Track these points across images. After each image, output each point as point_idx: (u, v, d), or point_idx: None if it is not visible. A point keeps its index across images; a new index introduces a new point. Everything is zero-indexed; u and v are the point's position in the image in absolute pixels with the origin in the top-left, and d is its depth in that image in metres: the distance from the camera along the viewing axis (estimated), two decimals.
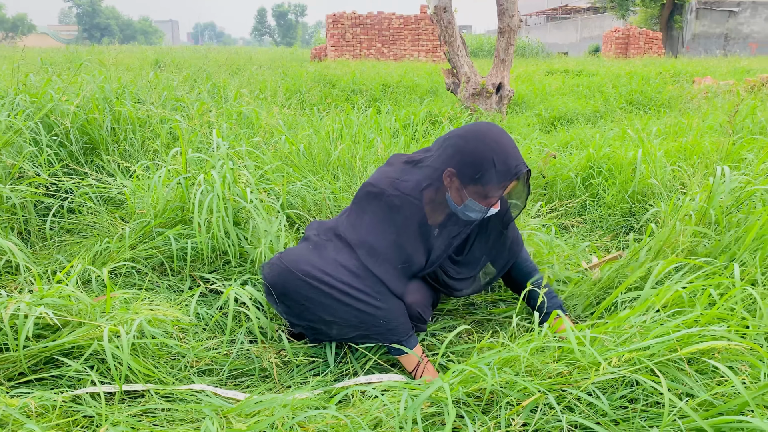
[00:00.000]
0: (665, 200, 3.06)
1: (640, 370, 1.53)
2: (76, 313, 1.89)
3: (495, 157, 1.82)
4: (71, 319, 1.83)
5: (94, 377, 1.72)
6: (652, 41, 26.51)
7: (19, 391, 1.74)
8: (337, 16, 23.20)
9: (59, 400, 1.69)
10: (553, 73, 12.89)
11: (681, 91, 8.66)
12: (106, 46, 20.41)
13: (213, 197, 2.38)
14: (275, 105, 5.07)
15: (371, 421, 1.56)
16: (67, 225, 2.88)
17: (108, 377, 1.91)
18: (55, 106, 3.33)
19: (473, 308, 2.42)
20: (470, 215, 1.94)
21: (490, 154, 1.82)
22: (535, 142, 4.49)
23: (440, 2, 5.97)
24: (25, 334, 1.74)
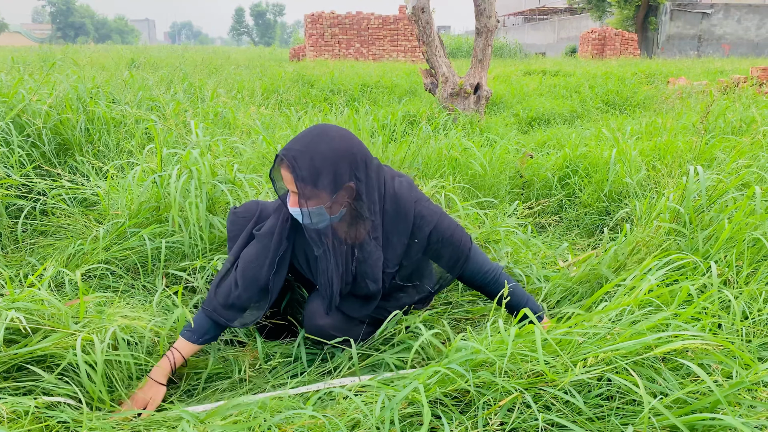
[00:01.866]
0: (640, 199, 3.10)
1: (615, 368, 1.54)
2: (49, 318, 1.86)
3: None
4: (43, 326, 1.80)
5: (67, 391, 1.70)
6: (627, 42, 26.86)
7: None
8: (316, 15, 23.14)
9: (32, 406, 1.66)
10: (530, 73, 13.00)
11: (656, 91, 8.79)
12: (80, 46, 20.10)
13: (191, 181, 2.37)
14: (253, 105, 5.04)
15: (349, 422, 1.56)
16: (39, 227, 2.83)
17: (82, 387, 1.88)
18: (27, 106, 3.27)
19: (451, 306, 2.42)
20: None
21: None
22: (512, 142, 4.52)
23: (418, 3, 5.98)
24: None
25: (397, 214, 1.88)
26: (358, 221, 1.84)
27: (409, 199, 1.91)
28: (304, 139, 1.70)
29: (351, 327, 1.98)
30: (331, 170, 1.69)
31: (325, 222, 1.78)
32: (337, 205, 1.77)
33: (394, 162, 3.53)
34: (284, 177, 1.72)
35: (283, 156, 1.67)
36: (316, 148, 1.68)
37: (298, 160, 1.66)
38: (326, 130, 1.74)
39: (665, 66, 14.99)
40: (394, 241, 1.90)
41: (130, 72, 5.05)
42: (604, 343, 1.62)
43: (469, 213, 2.91)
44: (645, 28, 31.58)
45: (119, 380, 1.83)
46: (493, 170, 3.53)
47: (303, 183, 1.66)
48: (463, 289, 2.55)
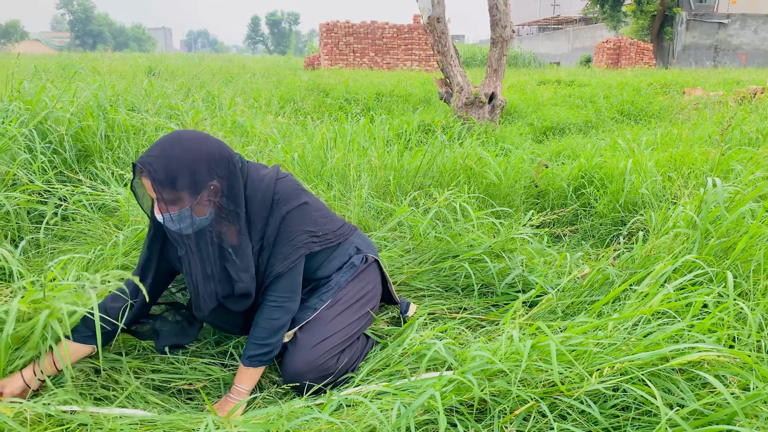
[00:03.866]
0: (655, 210, 3.09)
1: (631, 379, 1.54)
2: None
3: None
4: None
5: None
6: (643, 52, 26.77)
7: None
8: (331, 25, 23.30)
9: (54, 409, 1.69)
10: (545, 83, 12.99)
11: (672, 101, 8.75)
12: (99, 53, 20.39)
13: None
14: (269, 113, 5.09)
15: (365, 428, 1.58)
16: (60, 232, 2.88)
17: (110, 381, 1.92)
18: (49, 113, 3.33)
19: (465, 312, 2.43)
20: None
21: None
22: (527, 152, 4.52)
23: (434, 12, 6.02)
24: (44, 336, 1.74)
25: (256, 192, 1.88)
26: (228, 219, 1.85)
27: (272, 176, 1.92)
28: (159, 147, 1.72)
29: (233, 318, 2.02)
30: (188, 171, 1.70)
31: (192, 225, 1.78)
32: (203, 207, 1.77)
33: (409, 171, 3.56)
34: (146, 185, 1.72)
35: (139, 164, 1.68)
36: (171, 152, 1.70)
37: (154, 165, 1.67)
38: (180, 134, 1.77)
39: (681, 76, 14.92)
40: (255, 219, 1.90)
41: (149, 81, 5.13)
42: (619, 353, 1.63)
43: (484, 222, 2.93)
44: (660, 38, 31.45)
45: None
46: (508, 180, 3.54)
47: (161, 186, 1.67)
48: (478, 295, 2.56)
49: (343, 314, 2.03)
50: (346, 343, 1.99)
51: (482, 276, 2.62)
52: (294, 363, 1.90)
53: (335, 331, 1.98)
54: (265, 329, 1.89)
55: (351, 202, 3.09)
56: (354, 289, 2.10)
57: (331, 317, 2.00)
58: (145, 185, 1.72)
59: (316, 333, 1.95)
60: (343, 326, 2.00)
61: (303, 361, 1.89)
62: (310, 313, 2.00)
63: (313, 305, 2.03)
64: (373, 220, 3.09)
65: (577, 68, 24.08)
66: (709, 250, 2.11)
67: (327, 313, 2.01)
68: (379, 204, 3.20)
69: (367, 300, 2.13)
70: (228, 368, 2.09)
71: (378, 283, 2.22)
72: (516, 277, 2.55)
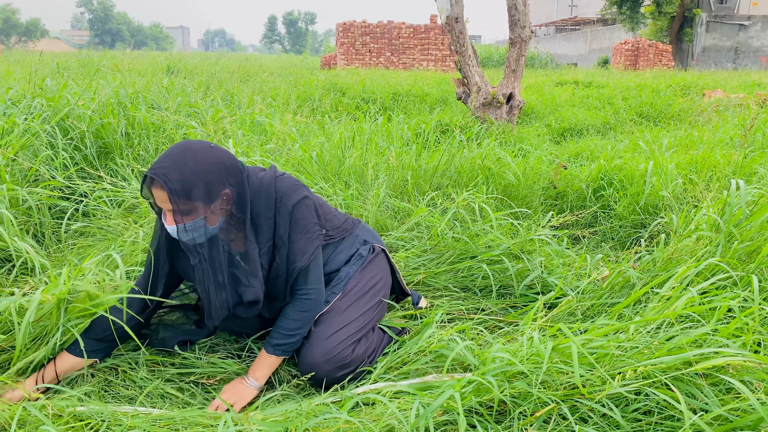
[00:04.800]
0: (676, 213, 3.06)
1: (654, 383, 1.53)
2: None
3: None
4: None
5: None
6: (661, 54, 26.51)
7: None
8: (348, 24, 23.33)
9: (74, 404, 1.71)
10: (562, 84, 12.91)
11: (691, 104, 8.66)
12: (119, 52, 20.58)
13: None
14: (288, 112, 5.10)
15: (383, 428, 1.57)
16: (80, 228, 2.91)
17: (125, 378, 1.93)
18: (71, 110, 3.37)
19: (482, 313, 2.42)
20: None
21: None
22: (546, 153, 4.49)
23: (452, 12, 6.00)
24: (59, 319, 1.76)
25: (258, 195, 1.89)
26: (236, 227, 1.86)
27: (271, 176, 1.94)
28: (170, 158, 1.71)
29: (243, 322, 2.04)
30: (203, 181, 1.71)
31: (204, 234, 1.79)
32: (215, 216, 1.79)
33: (427, 170, 3.55)
34: (157, 196, 1.72)
35: (153, 175, 1.67)
36: (184, 163, 1.70)
37: (170, 176, 1.67)
38: (189, 144, 1.78)
39: (701, 78, 14.76)
40: (261, 222, 1.90)
41: (170, 79, 5.16)
42: (642, 357, 1.61)
43: (502, 223, 2.91)
44: (680, 40, 31.13)
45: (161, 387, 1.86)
46: (526, 180, 3.51)
47: (177, 197, 1.68)
48: (496, 296, 2.55)
49: (355, 304, 2.04)
50: (360, 333, 2.00)
51: (500, 277, 2.60)
52: (310, 355, 1.91)
53: (349, 321, 1.99)
54: (295, 320, 1.91)
55: (369, 202, 3.08)
56: (364, 280, 2.12)
57: (344, 308, 2.02)
58: (157, 196, 1.72)
59: (330, 324, 1.97)
60: (356, 316, 2.02)
61: (319, 353, 1.90)
62: (323, 306, 2.01)
63: (325, 298, 2.04)
64: (391, 220, 3.09)
65: (595, 69, 23.91)
66: (733, 253, 2.09)
67: (339, 304, 2.03)
68: (397, 204, 3.19)
69: (378, 290, 2.15)
70: (245, 362, 2.09)
71: (387, 272, 2.24)
72: (535, 278, 2.53)
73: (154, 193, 1.72)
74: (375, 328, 2.13)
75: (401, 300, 2.44)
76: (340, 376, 1.91)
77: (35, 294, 1.78)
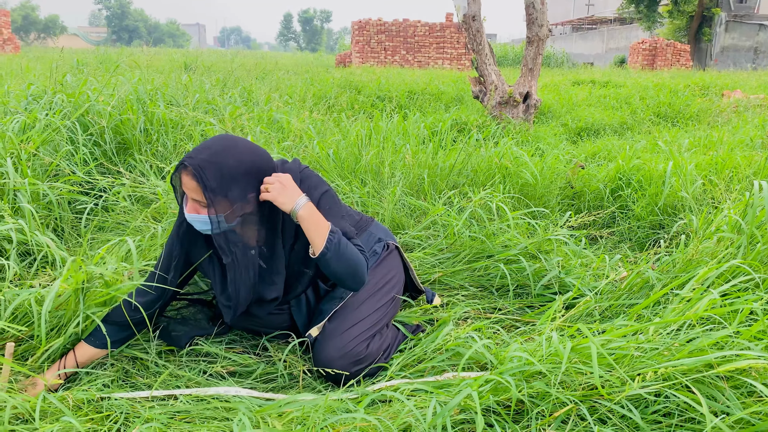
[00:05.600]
0: (696, 214, 3.03)
1: (674, 384, 1.51)
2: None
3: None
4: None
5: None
6: (679, 53, 26.23)
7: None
8: (363, 22, 23.33)
9: (95, 397, 1.73)
10: (579, 83, 12.82)
11: (710, 104, 8.56)
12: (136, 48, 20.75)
13: None
14: (304, 110, 5.12)
15: (400, 425, 1.57)
16: (99, 223, 2.93)
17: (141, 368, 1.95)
18: (91, 106, 3.40)
19: (499, 312, 2.41)
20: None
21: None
22: (563, 152, 4.47)
23: (469, 10, 5.99)
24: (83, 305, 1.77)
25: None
26: (260, 223, 1.86)
27: (296, 170, 1.93)
28: (211, 150, 1.71)
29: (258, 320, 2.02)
30: (237, 183, 1.72)
31: (218, 228, 1.77)
32: (234, 215, 1.77)
33: (443, 169, 3.54)
34: (187, 184, 1.71)
35: (191, 165, 1.67)
36: (225, 161, 1.70)
37: (207, 172, 1.67)
38: (235, 142, 1.77)
39: (720, 78, 14.59)
40: (287, 217, 1.89)
41: (188, 76, 5.20)
42: (661, 358, 1.59)
43: (519, 223, 2.90)
44: (698, 40, 30.80)
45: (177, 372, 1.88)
46: (543, 180, 3.49)
47: (213, 194, 1.68)
48: (514, 295, 2.54)
49: (369, 300, 2.04)
50: (374, 329, 2.00)
51: (517, 277, 2.59)
52: (325, 350, 1.91)
53: (363, 316, 1.99)
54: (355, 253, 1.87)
55: (385, 200, 3.08)
56: (378, 276, 2.12)
57: (358, 304, 2.02)
58: (186, 183, 1.72)
59: (344, 320, 1.97)
60: (370, 312, 2.01)
61: (334, 348, 1.90)
62: (337, 302, 2.02)
63: (339, 295, 2.04)
64: (407, 218, 3.09)
65: (611, 69, 23.71)
66: (756, 255, 2.06)
67: (353, 300, 2.03)
68: (413, 202, 3.19)
69: (392, 286, 2.14)
70: (262, 357, 2.10)
71: (400, 269, 2.24)
72: (552, 278, 2.52)
73: (184, 180, 1.72)
74: (389, 324, 2.13)
75: (415, 297, 2.44)
76: (354, 372, 1.92)
77: (54, 284, 1.80)
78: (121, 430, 1.66)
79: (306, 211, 1.79)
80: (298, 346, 2.08)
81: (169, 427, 1.64)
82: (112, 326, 1.90)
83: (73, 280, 1.82)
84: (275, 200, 1.76)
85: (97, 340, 1.89)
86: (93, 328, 1.91)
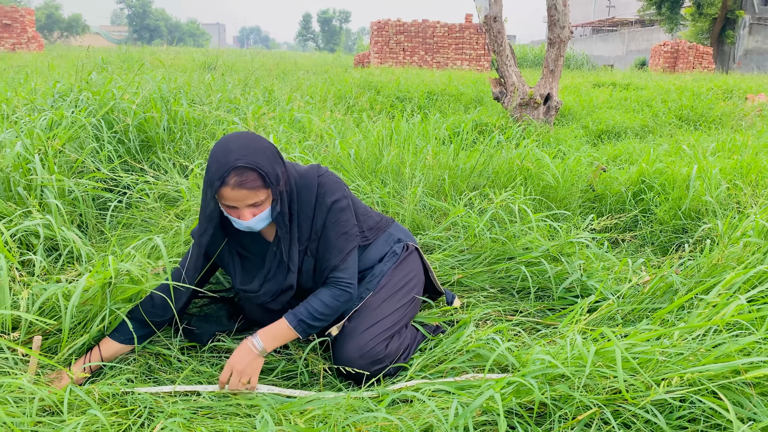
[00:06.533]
0: (721, 218, 2.99)
1: (700, 390, 1.50)
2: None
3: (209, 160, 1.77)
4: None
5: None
6: (702, 56, 25.90)
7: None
8: (382, 23, 23.34)
9: (120, 391, 1.75)
10: (600, 85, 12.72)
11: (734, 107, 8.45)
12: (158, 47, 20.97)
13: None
14: (325, 110, 5.13)
15: (422, 425, 1.57)
16: (123, 220, 2.97)
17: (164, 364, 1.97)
18: (116, 104, 3.44)
19: (520, 315, 2.40)
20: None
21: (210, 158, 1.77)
22: (585, 155, 4.43)
23: (491, 11, 5.97)
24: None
25: (300, 189, 1.92)
26: (282, 213, 1.88)
27: (313, 174, 1.96)
28: (245, 148, 1.73)
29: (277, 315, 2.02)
30: (276, 161, 1.79)
31: (269, 218, 1.83)
32: (278, 195, 1.82)
33: (464, 170, 3.53)
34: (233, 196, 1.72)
35: (243, 162, 1.68)
36: (261, 146, 1.76)
37: (259, 162, 1.71)
38: (249, 134, 1.82)
39: (743, 81, 14.39)
40: (301, 216, 1.92)
41: (211, 75, 5.24)
42: (687, 364, 1.58)
43: (540, 225, 2.89)
44: (721, 42, 30.39)
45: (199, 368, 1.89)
46: (565, 182, 3.47)
47: (271, 179, 1.73)
48: (535, 298, 2.52)
49: (389, 300, 2.05)
50: (393, 329, 2.00)
51: (538, 279, 2.58)
52: (345, 350, 1.92)
53: (383, 316, 2.00)
54: (326, 306, 1.90)
55: (405, 200, 3.09)
56: (397, 277, 2.12)
57: (378, 304, 2.02)
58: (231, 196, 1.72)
59: (364, 320, 1.98)
60: (390, 312, 2.02)
61: (353, 347, 1.91)
62: (357, 302, 2.03)
63: (358, 294, 2.05)
64: (427, 219, 3.09)
65: (632, 71, 23.49)
66: None
67: (373, 300, 2.03)
68: (434, 203, 3.19)
69: (411, 287, 2.14)
70: (282, 354, 2.11)
71: (420, 271, 2.23)
72: (574, 281, 2.50)
73: (228, 193, 1.72)
74: (408, 325, 2.13)
75: (435, 299, 2.44)
76: (374, 371, 1.92)
77: (81, 279, 1.82)
78: (145, 424, 1.67)
79: (267, 345, 1.84)
80: (318, 344, 2.09)
81: (192, 422, 1.65)
82: (137, 322, 1.93)
83: (101, 276, 1.84)
84: (242, 373, 1.78)
85: (121, 335, 1.91)
86: (118, 323, 1.94)
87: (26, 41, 23.96)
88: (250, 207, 1.76)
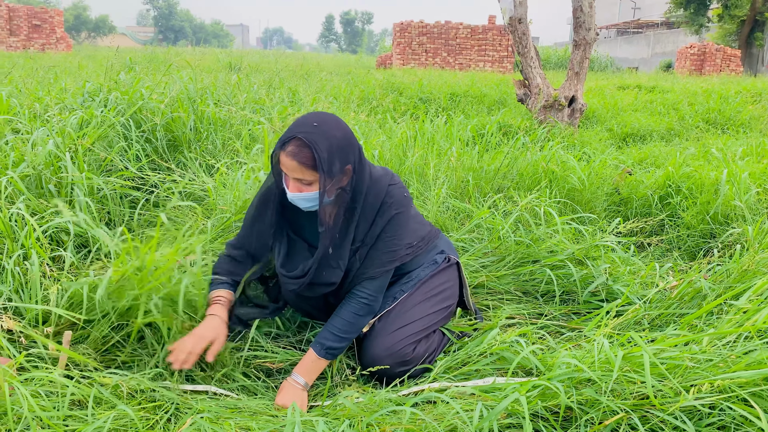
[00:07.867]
0: (750, 223, 2.94)
1: (730, 397, 1.48)
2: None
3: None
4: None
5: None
6: (729, 59, 25.47)
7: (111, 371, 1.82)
8: (405, 24, 23.34)
9: (147, 386, 1.77)
10: (625, 88, 12.58)
11: (763, 111, 8.30)
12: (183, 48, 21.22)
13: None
14: (349, 111, 5.15)
15: (447, 427, 1.57)
16: (149, 218, 3.00)
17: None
18: (144, 104, 3.49)
19: (544, 318, 2.39)
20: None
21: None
22: (611, 158, 4.39)
23: (516, 13, 5.94)
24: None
25: (369, 190, 1.91)
26: (343, 206, 1.87)
27: (385, 181, 1.95)
28: (317, 125, 1.74)
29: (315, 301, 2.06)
30: (341, 154, 1.75)
31: (316, 205, 1.82)
32: (335, 189, 1.81)
33: (488, 172, 3.52)
34: (287, 164, 1.74)
35: (302, 136, 1.70)
36: (333, 133, 1.74)
37: (320, 145, 1.70)
38: (334, 116, 1.81)
39: None
40: (361, 218, 1.92)
41: (238, 76, 5.29)
42: (717, 370, 1.56)
43: (565, 228, 2.86)
44: (749, 44, 29.86)
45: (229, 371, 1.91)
46: (590, 185, 3.44)
47: (324, 165, 1.71)
48: (560, 301, 2.51)
49: (422, 304, 2.05)
50: (422, 333, 2.00)
51: (563, 283, 2.56)
52: (373, 348, 1.93)
53: (414, 319, 2.00)
54: (348, 323, 1.91)
55: (429, 201, 3.08)
56: (434, 283, 2.12)
57: (411, 306, 2.03)
58: (286, 163, 1.75)
59: (395, 319, 1.98)
60: (421, 316, 2.02)
61: (382, 346, 1.92)
62: (390, 302, 2.03)
63: (393, 294, 2.05)
64: (451, 221, 3.08)
65: (657, 74, 23.19)
66: None
67: (407, 301, 2.04)
68: (457, 204, 3.18)
69: (446, 296, 2.14)
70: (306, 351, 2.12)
71: (456, 283, 2.22)
72: (599, 285, 2.48)
73: (284, 160, 1.75)
74: (437, 331, 2.13)
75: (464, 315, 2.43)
76: (398, 372, 1.92)
77: (107, 272, 1.85)
78: (172, 419, 1.69)
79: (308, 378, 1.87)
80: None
81: (219, 417, 1.67)
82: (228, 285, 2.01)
83: (130, 266, 1.86)
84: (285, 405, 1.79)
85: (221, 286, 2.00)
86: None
87: (55, 42, 24.38)
88: (296, 181, 1.78)
